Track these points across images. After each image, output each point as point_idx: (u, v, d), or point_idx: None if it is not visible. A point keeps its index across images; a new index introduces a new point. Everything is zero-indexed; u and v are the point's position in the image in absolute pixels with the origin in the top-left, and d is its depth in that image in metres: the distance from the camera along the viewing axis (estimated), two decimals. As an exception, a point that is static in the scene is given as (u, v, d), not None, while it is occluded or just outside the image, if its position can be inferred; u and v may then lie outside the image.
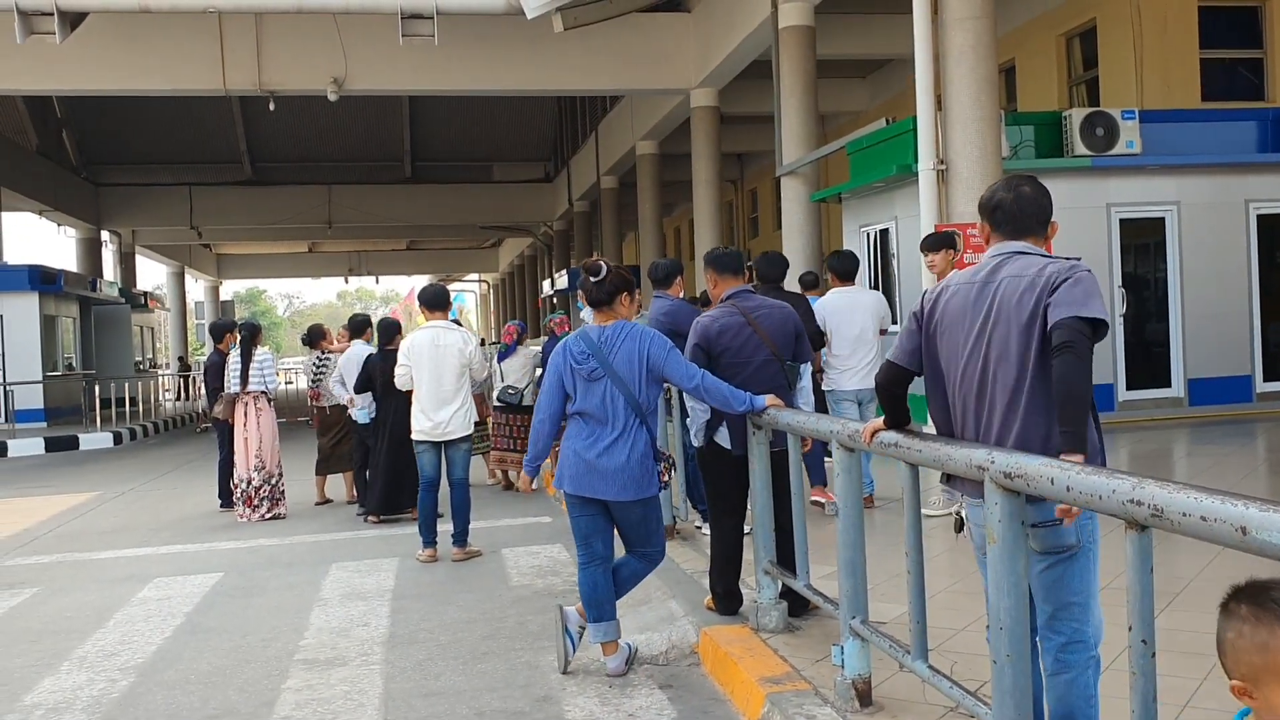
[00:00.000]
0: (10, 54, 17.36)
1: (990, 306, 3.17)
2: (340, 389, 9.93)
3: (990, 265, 3.24)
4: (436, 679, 5.06)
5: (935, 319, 3.34)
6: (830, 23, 17.37)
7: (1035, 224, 3.29)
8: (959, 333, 3.26)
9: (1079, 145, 12.22)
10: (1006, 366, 3.12)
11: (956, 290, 3.29)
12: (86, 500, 11.97)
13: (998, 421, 3.15)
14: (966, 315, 3.24)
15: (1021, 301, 3.09)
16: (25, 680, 5.33)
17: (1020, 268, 3.15)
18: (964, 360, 3.24)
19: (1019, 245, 3.24)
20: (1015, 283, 3.13)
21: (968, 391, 3.24)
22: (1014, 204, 3.28)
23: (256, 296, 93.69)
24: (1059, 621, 3.14)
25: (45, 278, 23.11)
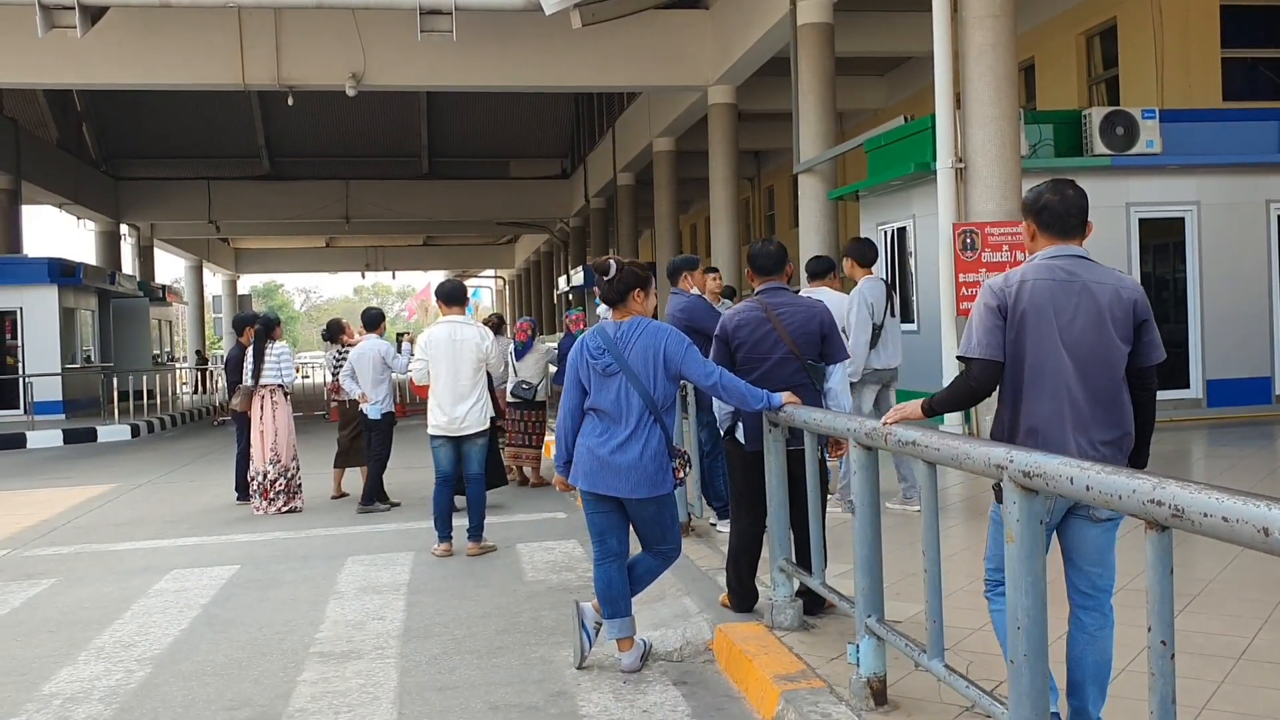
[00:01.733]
0: (32, 48, 17.47)
1: (1077, 307, 3.37)
2: (351, 384, 9.91)
3: (1063, 265, 3.42)
4: (451, 673, 5.07)
5: (1019, 313, 3.41)
6: (849, 20, 17.34)
7: (1079, 227, 3.48)
8: (1044, 326, 3.38)
9: (1098, 144, 12.16)
10: (1097, 369, 3.37)
11: (1039, 285, 3.40)
12: (104, 492, 12.04)
13: (1100, 406, 3.38)
14: (1055, 311, 3.38)
15: (1112, 310, 3.36)
16: (43, 670, 5.36)
17: (1102, 276, 3.41)
18: (1047, 351, 3.38)
19: (1073, 248, 3.46)
20: (1101, 291, 3.38)
21: (1057, 385, 3.37)
22: (1060, 205, 3.46)
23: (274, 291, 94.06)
24: (1104, 579, 3.48)
25: (65, 270, 23.24)
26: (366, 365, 9.76)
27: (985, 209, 11.00)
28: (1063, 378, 3.36)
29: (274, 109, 34.37)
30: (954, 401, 3.59)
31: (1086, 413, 3.36)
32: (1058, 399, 3.37)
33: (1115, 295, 3.35)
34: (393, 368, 9.89)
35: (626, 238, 29.70)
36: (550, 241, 44.53)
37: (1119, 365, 3.37)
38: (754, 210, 34.78)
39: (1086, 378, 3.36)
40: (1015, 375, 3.43)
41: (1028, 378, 3.40)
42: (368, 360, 9.76)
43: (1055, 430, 3.36)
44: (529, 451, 10.89)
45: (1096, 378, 3.36)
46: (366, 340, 9.98)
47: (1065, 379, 3.36)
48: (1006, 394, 3.47)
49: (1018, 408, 3.43)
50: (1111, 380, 3.37)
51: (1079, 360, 3.35)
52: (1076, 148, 12.36)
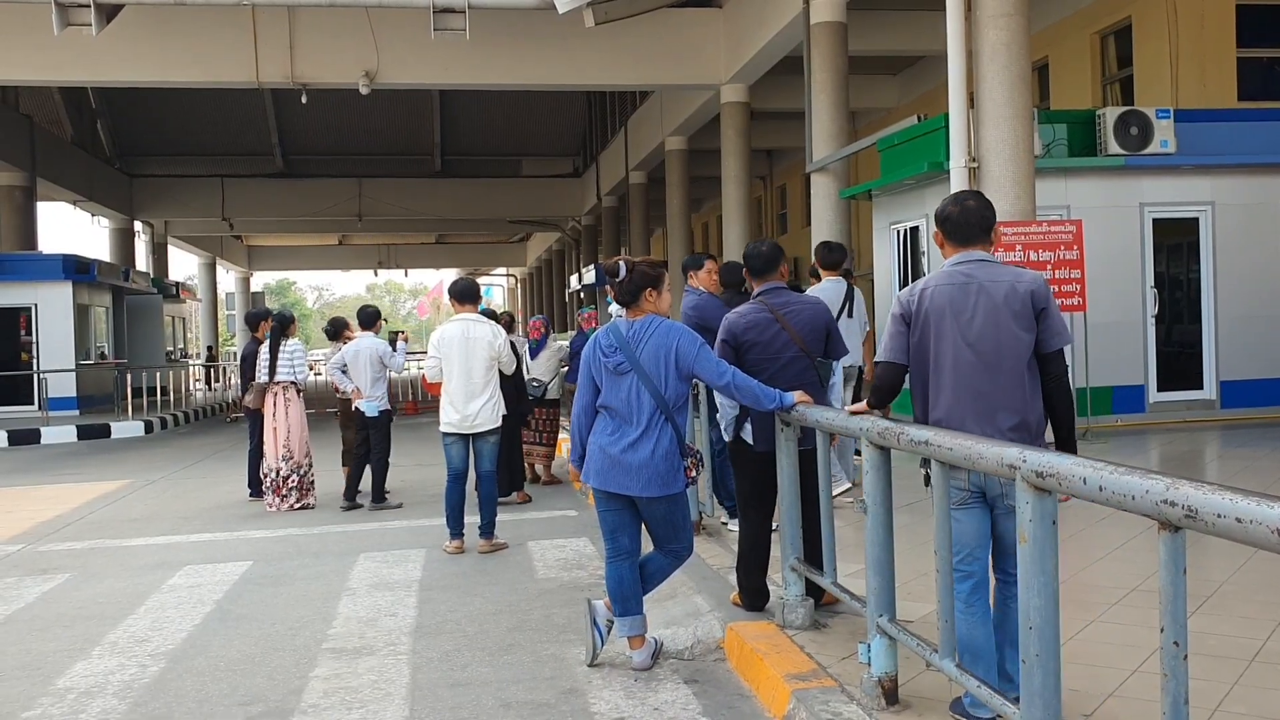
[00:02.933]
0: (47, 45, 17.54)
1: (974, 306, 3.72)
2: (342, 378, 9.89)
3: (962, 270, 3.80)
4: (463, 669, 5.09)
5: (922, 316, 3.83)
6: (862, 19, 17.30)
7: (980, 233, 3.85)
8: (945, 327, 3.77)
9: (1112, 144, 12.11)
10: (997, 360, 3.70)
11: (939, 290, 3.80)
12: (118, 488, 12.09)
13: (994, 396, 3.70)
14: (952, 312, 3.76)
15: (1007, 305, 3.69)
16: (58, 664, 5.40)
17: (998, 274, 3.75)
18: (949, 349, 3.76)
19: (976, 253, 3.82)
20: (995, 288, 3.72)
21: (962, 373, 3.73)
22: (959, 217, 3.86)
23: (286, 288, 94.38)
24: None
25: (79, 267, 23.34)
26: (363, 363, 9.76)
27: (999, 208, 10.82)
28: (964, 372, 3.74)
29: (287, 107, 34.45)
30: (878, 400, 4.13)
31: (993, 400, 3.71)
32: (959, 392, 3.75)
33: (1011, 290, 3.69)
34: (389, 366, 9.91)
35: (638, 236, 29.69)
36: (562, 240, 44.54)
37: (1022, 355, 3.70)
38: (766, 209, 34.74)
39: (989, 370, 3.71)
40: (921, 373, 3.85)
41: (932, 374, 3.81)
42: (364, 358, 9.77)
43: (957, 421, 3.73)
44: (540, 449, 10.89)
45: (998, 369, 3.70)
46: (362, 338, 9.96)
47: (967, 373, 3.73)
48: (917, 390, 3.88)
49: (926, 402, 3.85)
50: (1014, 370, 3.70)
51: (980, 354, 3.71)
52: (1090, 147, 12.31)
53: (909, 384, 3.98)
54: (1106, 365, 11.89)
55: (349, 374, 9.89)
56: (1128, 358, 12.23)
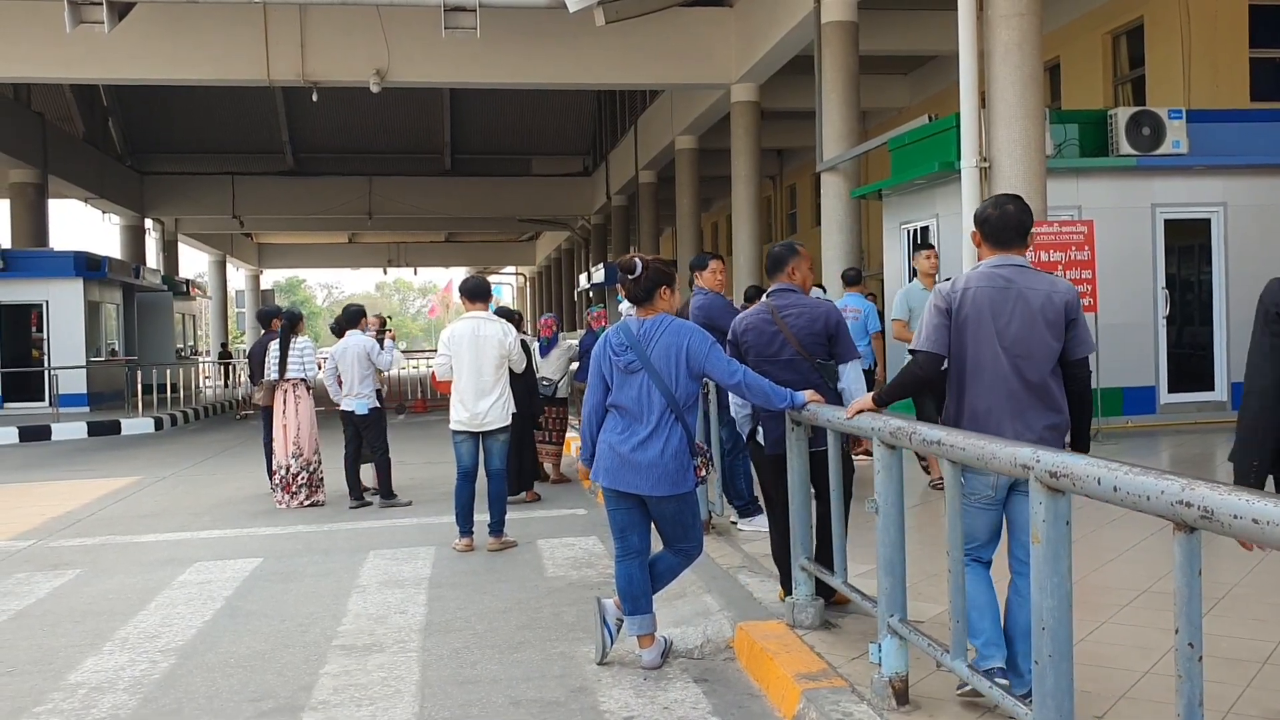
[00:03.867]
0: (59, 43, 17.60)
1: (1012, 310, 3.83)
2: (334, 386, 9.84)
3: (1001, 272, 3.89)
4: (473, 667, 5.09)
5: (962, 313, 3.91)
6: (873, 18, 17.27)
7: (1018, 237, 3.94)
8: (984, 327, 3.86)
9: (1124, 144, 12.08)
10: (1030, 364, 3.81)
11: (981, 291, 3.89)
12: (128, 484, 12.13)
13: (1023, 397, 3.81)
14: (993, 313, 3.85)
15: (1044, 312, 3.80)
16: (69, 659, 5.41)
17: (1035, 282, 3.85)
18: (987, 349, 3.86)
19: (1013, 258, 3.92)
20: (1033, 295, 3.82)
21: (1000, 374, 3.84)
22: (999, 220, 3.94)
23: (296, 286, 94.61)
24: None
25: (90, 264, 23.41)
26: (350, 361, 9.75)
27: (1009, 209, 10.93)
28: (1000, 372, 3.85)
29: (298, 105, 34.52)
30: (901, 389, 4.12)
31: (1024, 402, 3.83)
32: (996, 391, 3.85)
33: (1047, 299, 3.81)
34: (377, 363, 9.89)
35: (648, 236, 29.68)
36: (571, 239, 44.56)
37: (1051, 360, 3.83)
38: (776, 209, 34.71)
39: (1022, 372, 3.82)
40: (959, 370, 3.94)
41: (969, 372, 3.90)
42: (351, 357, 9.76)
43: (994, 418, 3.84)
44: (550, 448, 10.90)
45: (1031, 371, 3.82)
46: (349, 337, 9.94)
47: (1003, 373, 3.84)
48: (952, 387, 3.97)
49: (961, 398, 3.93)
50: (1044, 374, 3.83)
51: (1014, 357, 3.83)
52: (1102, 148, 12.28)
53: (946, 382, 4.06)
54: (1117, 366, 11.86)
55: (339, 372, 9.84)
56: (1139, 359, 12.19)
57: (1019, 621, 3.84)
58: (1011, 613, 3.90)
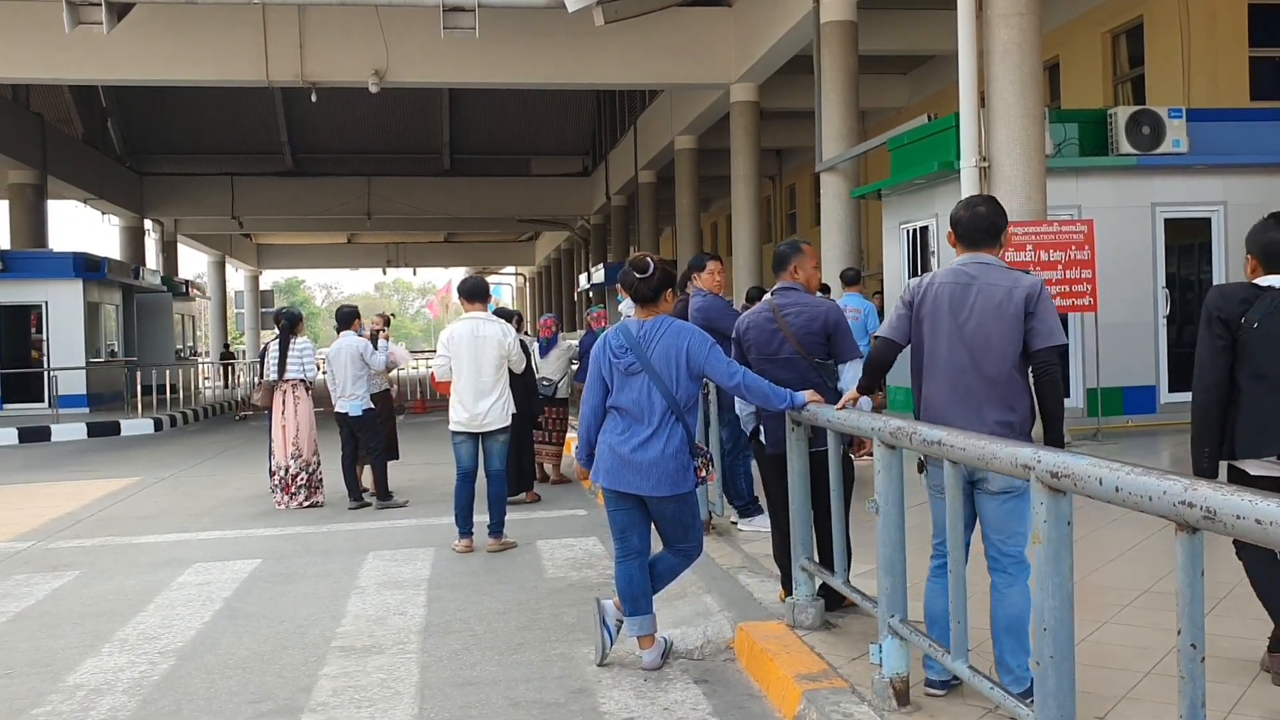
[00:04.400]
0: (58, 44, 17.59)
1: (972, 306, 3.94)
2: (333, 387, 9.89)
3: (966, 271, 4.03)
4: (472, 668, 5.08)
5: (923, 308, 4.08)
6: (872, 18, 17.26)
7: (988, 237, 4.07)
8: (943, 322, 4.01)
9: (1124, 144, 12.06)
10: (988, 356, 3.90)
11: (944, 288, 4.04)
12: (127, 485, 12.11)
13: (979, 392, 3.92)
14: (950, 309, 3.99)
15: (1001, 308, 3.88)
16: (68, 661, 5.40)
17: (997, 279, 3.95)
18: (943, 343, 4.00)
19: (983, 256, 4.04)
20: (993, 291, 3.91)
21: (955, 368, 3.97)
22: (969, 221, 4.09)
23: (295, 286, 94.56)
24: (1009, 545, 3.89)
25: (89, 265, 23.39)
26: (343, 362, 9.74)
27: (1009, 208, 10.75)
28: (957, 365, 3.97)
29: (297, 105, 34.50)
30: (866, 375, 4.50)
31: (979, 395, 3.92)
32: (950, 383, 3.98)
33: (1008, 294, 3.89)
34: (370, 364, 9.89)
35: (647, 236, 29.67)
36: (571, 239, 44.54)
37: (1009, 354, 3.89)
38: (776, 209, 34.69)
39: (980, 365, 3.92)
40: (917, 361, 4.13)
41: (926, 363, 4.08)
42: (344, 357, 9.75)
43: (944, 408, 3.99)
44: (549, 448, 10.89)
45: (989, 365, 3.90)
46: (342, 338, 9.92)
47: (959, 366, 3.96)
48: (913, 377, 4.18)
49: (920, 389, 4.12)
50: (1001, 369, 3.90)
51: (973, 350, 3.92)
52: (1102, 147, 12.26)
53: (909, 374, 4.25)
54: (1117, 366, 11.85)
55: (331, 374, 9.85)
56: (1139, 358, 12.18)
57: (999, 618, 3.89)
58: (992, 610, 3.94)
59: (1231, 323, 4.02)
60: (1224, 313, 4.05)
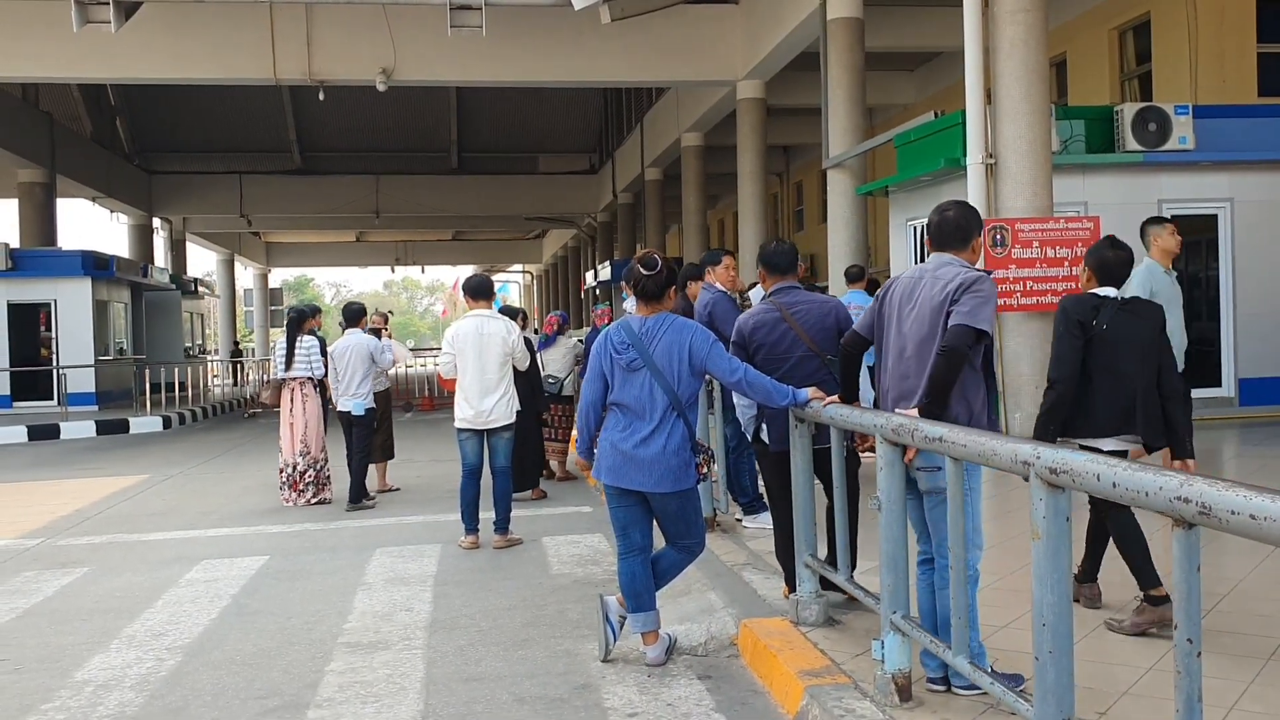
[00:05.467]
0: (66, 42, 17.67)
1: (917, 298, 4.22)
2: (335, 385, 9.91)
3: (925, 267, 4.30)
4: (477, 664, 5.11)
5: (885, 303, 4.40)
6: (879, 15, 17.25)
7: (955, 240, 4.28)
8: (894, 315, 4.33)
9: (1130, 140, 12.04)
10: (921, 344, 4.17)
11: (900, 283, 4.36)
12: (136, 483, 12.17)
13: (912, 379, 4.21)
14: (901, 302, 4.31)
15: (934, 299, 4.14)
16: (76, 657, 5.44)
17: (942, 273, 4.19)
18: (894, 334, 4.32)
19: (946, 257, 4.27)
20: (934, 283, 4.18)
21: (896, 355, 4.31)
22: (937, 225, 4.32)
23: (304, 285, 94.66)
24: (944, 547, 4.03)
25: (98, 263, 23.49)
26: (351, 361, 9.76)
27: (1015, 205, 10.93)
28: (896, 359, 4.29)
29: (305, 104, 34.58)
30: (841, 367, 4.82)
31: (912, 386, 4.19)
32: (893, 376, 4.31)
33: (942, 288, 4.12)
34: (379, 362, 9.93)
35: (654, 233, 29.70)
36: (578, 237, 44.56)
37: (935, 337, 4.11)
38: (783, 205, 34.68)
39: (917, 358, 4.18)
40: (880, 349, 4.43)
41: (884, 353, 4.38)
42: (352, 356, 9.77)
43: (886, 402, 4.32)
44: (556, 445, 10.92)
45: (922, 359, 4.16)
46: (349, 335, 9.94)
47: (898, 360, 4.28)
48: (877, 362, 4.48)
49: (882, 376, 4.40)
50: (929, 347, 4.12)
51: (911, 344, 4.21)
52: (1108, 144, 12.24)
53: None
54: (1124, 362, 11.81)
55: (335, 371, 9.86)
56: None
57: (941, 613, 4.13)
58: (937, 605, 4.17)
59: (1086, 325, 4.70)
60: (1081, 317, 4.72)
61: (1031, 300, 10.95)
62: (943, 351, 4.01)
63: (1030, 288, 10.92)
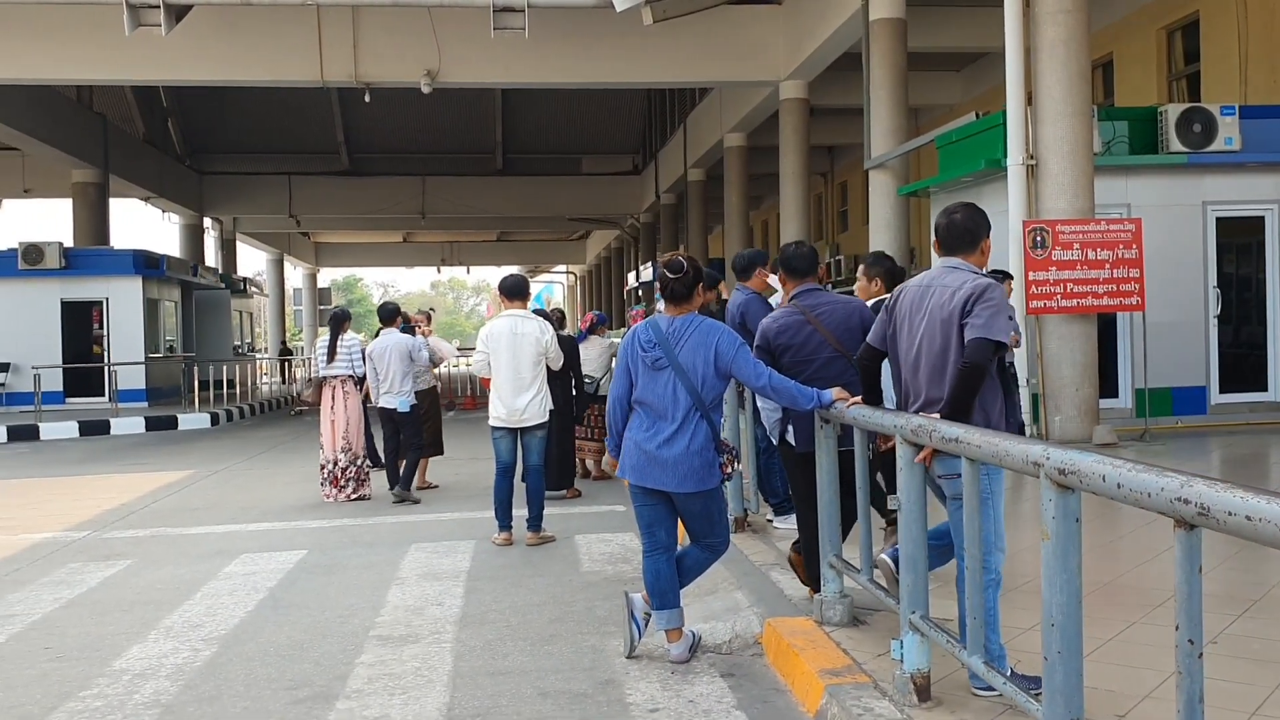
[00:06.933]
0: (119, 46, 18.01)
1: (926, 306, 4.23)
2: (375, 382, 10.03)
3: (932, 274, 4.32)
4: (504, 659, 5.18)
5: (895, 312, 4.42)
6: (922, 15, 17.17)
7: (964, 244, 4.30)
8: (905, 324, 4.35)
9: (1174, 141, 11.90)
10: (931, 353, 4.20)
11: (909, 292, 4.38)
12: (182, 478, 12.39)
13: (924, 388, 4.24)
14: (910, 311, 4.32)
15: (944, 307, 4.14)
16: (115, 646, 5.57)
17: (950, 280, 4.19)
18: (905, 343, 4.34)
19: (953, 261, 4.29)
20: (943, 292, 4.18)
21: (911, 365, 4.31)
22: (945, 229, 4.33)
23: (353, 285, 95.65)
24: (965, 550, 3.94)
25: (149, 262, 23.90)
26: (392, 359, 9.88)
27: (1056, 206, 10.86)
28: (907, 366, 4.32)
29: (353, 106, 34.94)
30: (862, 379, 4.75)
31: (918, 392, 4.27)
32: (905, 382, 4.34)
33: (950, 296, 4.12)
34: (418, 360, 10.05)
35: (696, 234, 29.70)
36: (621, 237, 44.68)
37: (950, 347, 4.13)
38: (827, 206, 34.56)
39: (925, 365, 4.22)
40: (894, 357, 4.46)
41: (901, 358, 4.39)
42: (391, 355, 9.89)
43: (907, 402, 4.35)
44: (591, 444, 10.99)
45: (929, 365, 4.20)
46: (388, 334, 10.07)
47: (909, 366, 4.31)
48: (892, 371, 4.51)
49: (899, 381, 4.42)
50: (940, 367, 4.16)
51: (919, 351, 4.24)
52: (1152, 145, 12.11)
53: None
54: (1166, 366, 11.70)
55: (376, 370, 10.00)
56: (1188, 358, 12.01)
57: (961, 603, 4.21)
58: None
59: None
60: None
61: (1072, 303, 10.88)
62: (963, 368, 4.03)
63: (1070, 290, 10.85)
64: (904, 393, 4.39)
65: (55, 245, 22.69)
